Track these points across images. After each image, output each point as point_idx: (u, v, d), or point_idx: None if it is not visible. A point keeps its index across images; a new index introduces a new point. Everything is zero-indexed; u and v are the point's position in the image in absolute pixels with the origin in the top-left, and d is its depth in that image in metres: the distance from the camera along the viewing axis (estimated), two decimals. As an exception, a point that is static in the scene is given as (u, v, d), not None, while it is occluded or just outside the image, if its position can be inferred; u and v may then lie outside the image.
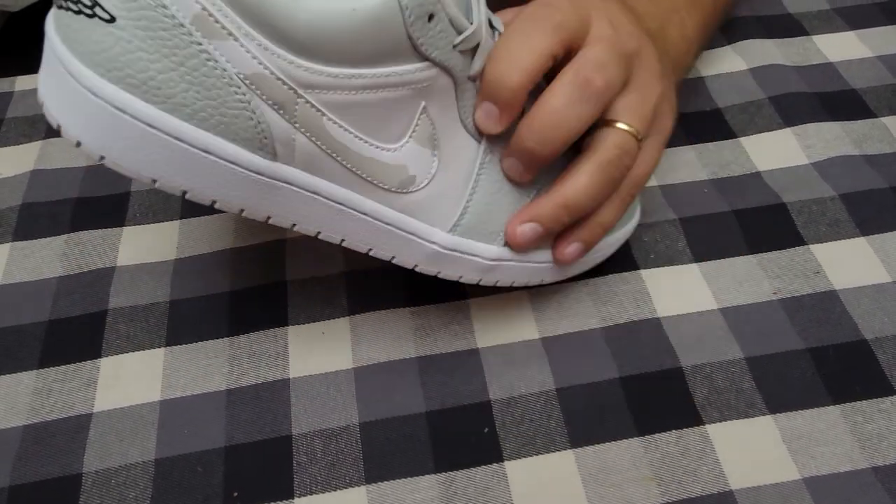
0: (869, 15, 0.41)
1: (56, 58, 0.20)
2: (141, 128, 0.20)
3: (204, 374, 0.28)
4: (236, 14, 0.20)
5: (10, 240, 0.33)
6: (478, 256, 0.26)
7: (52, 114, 0.21)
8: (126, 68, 0.20)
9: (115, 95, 0.20)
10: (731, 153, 0.34)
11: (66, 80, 0.20)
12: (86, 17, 0.19)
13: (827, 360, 0.27)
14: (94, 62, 0.20)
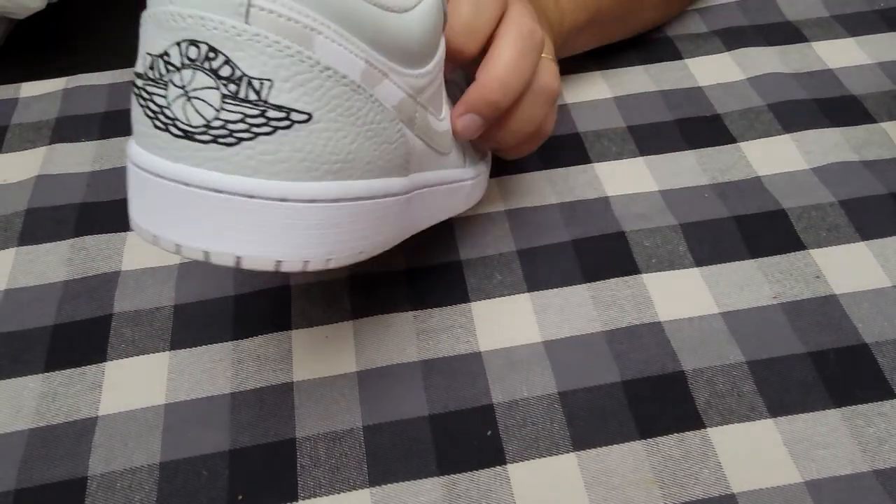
0: (868, 22, 0.41)
1: (221, 198, 0.19)
2: (348, 208, 0.20)
3: (208, 378, 0.28)
4: (380, 54, 0.20)
5: (15, 245, 0.33)
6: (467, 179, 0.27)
7: (229, 252, 0.19)
8: (328, 158, 0.19)
9: (324, 190, 0.20)
10: (731, 159, 0.35)
11: (250, 209, 0.19)
12: (281, 129, 0.19)
13: (828, 363, 0.27)
14: (290, 171, 0.19)
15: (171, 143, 0.19)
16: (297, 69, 0.18)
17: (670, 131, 0.36)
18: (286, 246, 0.20)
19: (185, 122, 0.18)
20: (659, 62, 0.40)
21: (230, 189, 0.19)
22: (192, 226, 0.19)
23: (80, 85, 0.41)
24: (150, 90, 0.19)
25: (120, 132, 0.38)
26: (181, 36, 0.18)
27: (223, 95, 0.18)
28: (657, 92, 0.38)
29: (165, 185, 0.19)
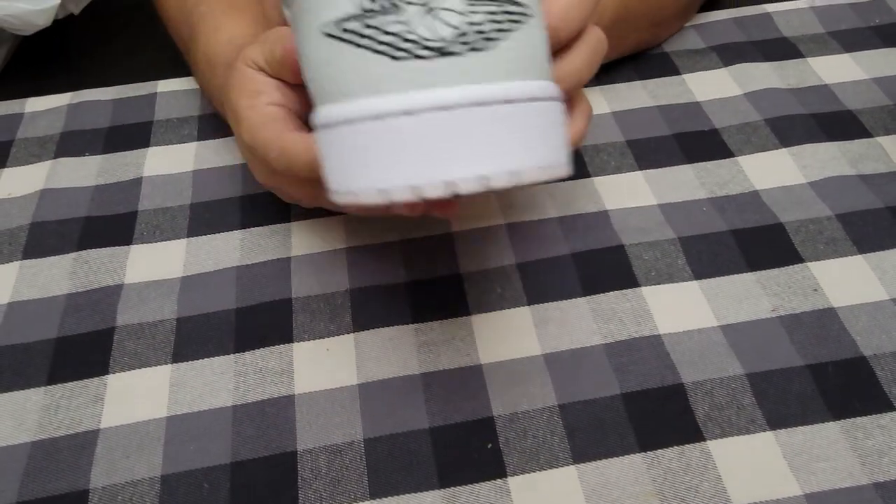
0: (863, 38, 0.42)
1: (490, 111, 0.17)
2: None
3: (210, 391, 0.28)
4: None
5: (19, 258, 0.33)
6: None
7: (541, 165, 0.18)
8: (546, 52, 0.19)
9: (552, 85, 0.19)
10: (729, 173, 0.35)
11: (520, 114, 0.18)
12: (521, 24, 0.18)
13: (826, 376, 0.27)
14: (535, 67, 0.18)
15: (421, 69, 0.17)
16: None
17: (668, 145, 0.36)
18: (553, 150, 0.18)
19: (436, 39, 0.17)
20: (657, 77, 0.40)
21: (496, 97, 0.17)
22: (470, 151, 0.17)
23: (85, 100, 0.42)
24: (375, 23, 0.17)
25: (123, 146, 0.39)
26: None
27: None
28: (655, 107, 0.39)
29: (427, 118, 0.17)
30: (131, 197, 0.36)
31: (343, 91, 0.18)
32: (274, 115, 0.26)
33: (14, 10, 0.40)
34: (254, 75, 0.27)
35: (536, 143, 0.18)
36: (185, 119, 0.40)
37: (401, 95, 0.17)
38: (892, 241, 0.31)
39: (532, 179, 0.18)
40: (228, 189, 0.36)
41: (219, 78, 0.32)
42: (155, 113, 0.41)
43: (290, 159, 0.25)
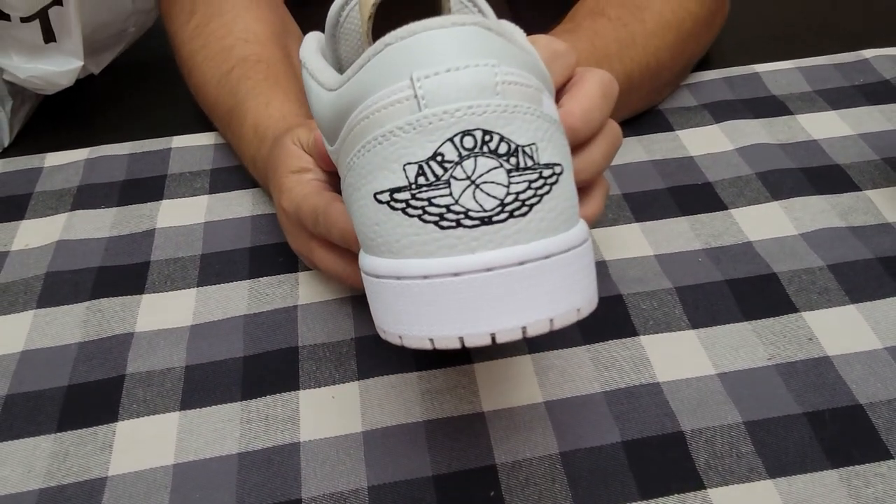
0: (848, 96, 0.44)
1: (528, 269, 0.19)
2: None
3: (217, 438, 0.29)
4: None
5: (33, 307, 0.34)
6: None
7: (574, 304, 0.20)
8: (575, 198, 0.21)
9: (583, 229, 0.21)
10: (723, 224, 0.36)
11: (552, 269, 0.19)
12: (554, 185, 0.20)
13: (824, 424, 0.28)
14: (567, 219, 0.20)
15: (465, 235, 0.19)
16: (544, 127, 0.20)
17: (664, 198, 0.38)
18: (584, 291, 0.20)
19: (480, 210, 0.19)
20: (651, 133, 0.42)
21: (535, 255, 0.19)
22: (512, 305, 0.19)
23: (102, 155, 0.43)
24: (424, 195, 0.19)
25: (138, 199, 0.40)
26: (454, 131, 0.18)
27: (507, 171, 0.19)
28: (650, 161, 0.40)
29: (472, 279, 0.19)
30: (144, 247, 0.37)
31: (391, 249, 0.20)
32: (318, 188, 0.29)
33: (39, 71, 0.42)
34: (300, 153, 0.31)
35: (571, 288, 0.20)
36: (197, 173, 0.42)
37: (446, 259, 0.19)
38: (883, 291, 0.32)
39: (566, 323, 0.20)
40: (238, 240, 0.37)
41: (266, 149, 0.34)
42: (169, 167, 0.42)
43: (332, 226, 0.27)
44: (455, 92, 0.18)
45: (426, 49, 0.19)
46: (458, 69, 0.18)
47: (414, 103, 0.19)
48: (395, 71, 0.19)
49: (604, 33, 0.38)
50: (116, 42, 0.48)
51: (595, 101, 0.26)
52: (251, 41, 0.39)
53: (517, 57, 0.20)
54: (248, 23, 0.40)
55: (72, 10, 0.41)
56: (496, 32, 0.20)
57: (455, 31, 0.19)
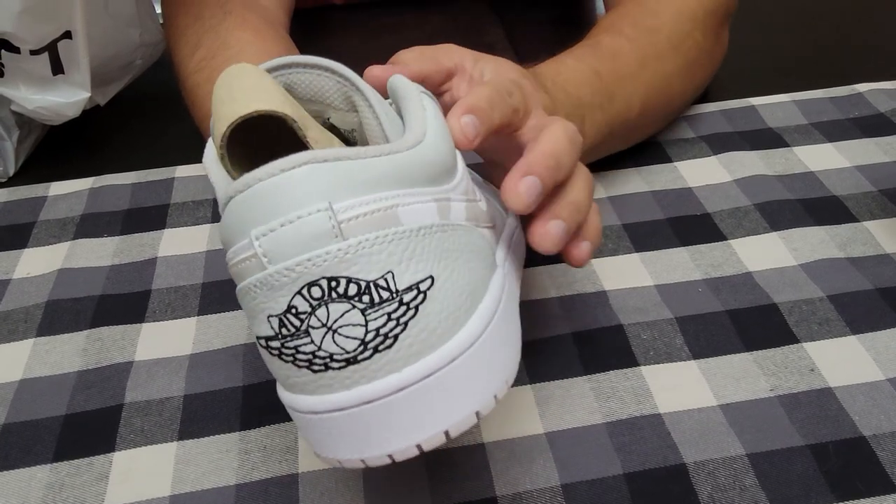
0: (843, 129, 0.44)
1: (407, 393, 0.20)
2: (495, 326, 0.22)
3: (214, 469, 0.28)
4: (434, 186, 0.22)
5: (33, 335, 0.34)
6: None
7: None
8: (461, 301, 0.21)
9: (475, 327, 0.21)
10: (723, 255, 0.36)
11: (434, 386, 0.20)
12: (420, 305, 0.20)
13: (827, 457, 0.27)
14: (446, 332, 0.21)
15: (337, 376, 0.19)
16: (402, 246, 0.19)
17: (663, 229, 0.38)
18: (482, 392, 0.21)
19: (343, 352, 0.19)
20: (650, 165, 0.42)
21: (411, 380, 0.19)
22: (395, 430, 0.20)
23: (106, 184, 0.44)
24: (291, 345, 0.19)
25: (140, 228, 0.41)
26: (299, 285, 0.19)
27: (362, 311, 0.19)
28: (649, 192, 0.40)
29: (355, 412, 0.19)
30: (145, 276, 0.37)
31: (285, 384, 0.21)
32: None
33: (47, 102, 0.42)
34: None
35: (463, 395, 0.20)
36: (200, 202, 0.42)
37: (327, 397, 0.20)
38: (884, 322, 0.32)
39: (464, 429, 0.21)
40: (239, 269, 0.37)
41: None
42: (172, 196, 0.43)
43: None
44: (292, 247, 0.18)
45: (260, 203, 0.19)
46: (291, 222, 0.18)
47: (258, 262, 0.19)
48: (238, 227, 0.19)
49: (624, 52, 0.39)
50: (123, 74, 0.49)
51: (563, 145, 0.25)
52: None
53: (365, 179, 0.19)
54: (252, 57, 0.41)
55: (80, 43, 0.42)
56: (334, 160, 0.19)
57: (285, 178, 0.18)
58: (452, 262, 0.21)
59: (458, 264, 0.21)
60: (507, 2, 0.60)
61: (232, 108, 0.19)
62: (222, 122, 0.19)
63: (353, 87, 0.22)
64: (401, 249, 0.19)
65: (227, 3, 0.44)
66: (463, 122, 0.24)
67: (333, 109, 0.23)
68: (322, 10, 0.61)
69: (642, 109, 0.39)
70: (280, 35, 0.44)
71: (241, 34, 0.42)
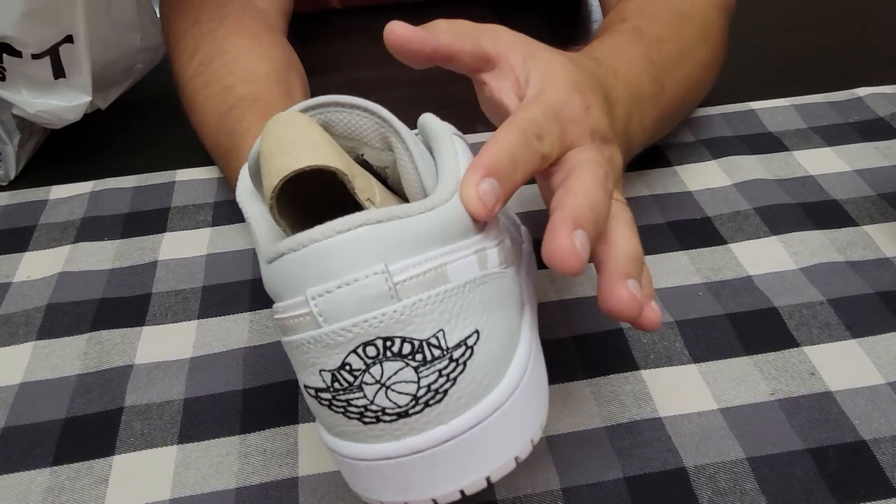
0: (843, 133, 0.44)
1: (452, 445, 0.20)
2: (531, 367, 0.23)
3: (214, 472, 0.28)
4: (471, 237, 0.22)
5: (34, 339, 0.34)
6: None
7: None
8: (505, 349, 0.22)
9: (515, 374, 0.22)
10: (723, 259, 0.36)
11: (480, 437, 0.21)
12: (468, 360, 0.20)
13: (828, 460, 0.27)
14: (490, 382, 0.21)
15: (387, 427, 0.20)
16: (451, 304, 0.20)
17: (663, 233, 0.38)
18: (521, 437, 0.21)
19: (395, 406, 0.20)
20: (651, 169, 0.42)
21: (458, 431, 0.20)
22: (440, 477, 0.20)
23: (107, 188, 0.44)
24: (342, 398, 0.20)
25: (141, 231, 0.41)
26: (354, 344, 0.19)
27: (415, 368, 0.19)
28: (650, 196, 0.40)
29: (403, 461, 0.20)
30: (146, 279, 0.37)
31: (332, 431, 0.21)
32: None
33: (48, 106, 0.43)
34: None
35: (503, 442, 0.21)
36: (200, 206, 0.42)
37: (376, 446, 0.20)
38: (884, 325, 0.32)
39: (504, 474, 0.21)
40: (239, 272, 0.37)
41: None
42: (172, 200, 0.43)
43: None
44: (349, 308, 0.19)
45: (316, 262, 0.19)
46: (348, 284, 0.19)
47: (313, 320, 0.19)
48: (292, 284, 0.20)
49: (666, 39, 0.37)
50: (124, 78, 0.49)
51: (598, 195, 0.23)
52: (251, 80, 0.40)
53: (416, 237, 0.20)
54: (249, 62, 0.41)
55: (82, 47, 0.42)
56: (387, 220, 0.19)
57: (342, 240, 0.19)
58: (493, 312, 0.21)
59: (498, 314, 0.21)
60: (508, 6, 0.60)
61: (284, 162, 0.19)
62: (274, 176, 0.19)
63: (390, 129, 0.22)
64: (451, 307, 0.20)
65: (224, 7, 0.44)
66: (482, 191, 0.21)
67: (368, 147, 0.23)
68: (321, 15, 0.61)
69: (684, 98, 0.38)
70: (278, 39, 0.44)
71: (237, 39, 0.42)
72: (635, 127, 0.33)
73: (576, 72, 0.27)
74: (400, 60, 0.27)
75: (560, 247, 0.21)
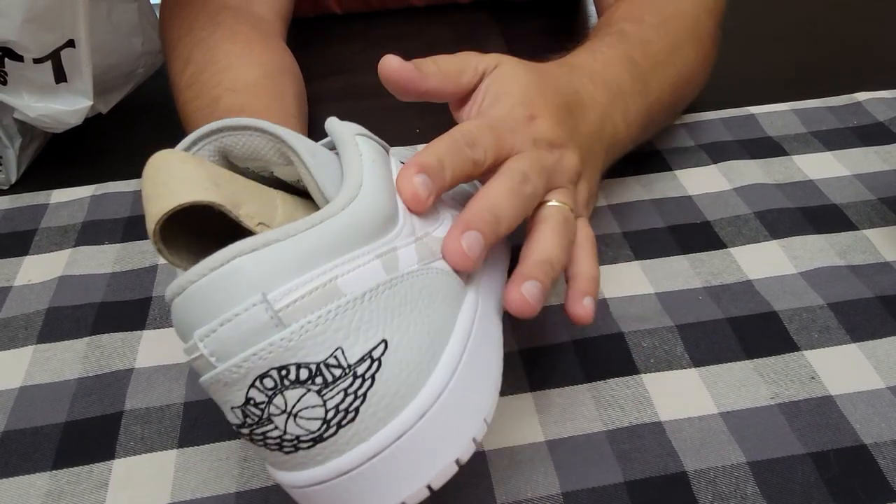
0: (843, 137, 0.44)
1: (379, 460, 0.20)
2: (466, 364, 0.23)
3: (214, 477, 0.28)
4: (377, 240, 0.22)
5: (34, 342, 0.34)
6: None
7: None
8: (426, 351, 0.22)
9: (444, 372, 0.22)
10: (723, 263, 0.36)
11: (408, 447, 0.21)
12: (377, 373, 0.20)
13: (828, 465, 0.27)
14: (410, 389, 0.21)
15: (308, 454, 0.20)
16: (348, 319, 0.19)
17: (663, 237, 0.38)
18: (460, 437, 0.21)
19: (308, 433, 0.19)
20: (650, 173, 0.42)
21: (382, 446, 0.20)
22: (378, 493, 0.20)
23: (108, 192, 0.44)
24: (259, 431, 0.20)
25: (141, 236, 0.41)
26: (250, 379, 0.19)
27: (318, 392, 0.19)
28: (649, 200, 0.40)
29: (334, 484, 0.20)
30: (146, 283, 0.37)
31: (265, 461, 0.21)
32: None
33: (49, 110, 0.43)
34: None
35: (438, 447, 0.21)
36: (201, 210, 0.42)
37: (304, 473, 0.20)
38: (884, 330, 0.32)
39: (447, 478, 0.21)
40: (240, 276, 0.37)
41: None
42: (173, 204, 0.43)
43: None
44: (235, 344, 0.19)
45: (198, 303, 0.19)
46: (229, 321, 0.19)
47: (207, 361, 0.19)
48: (183, 328, 0.19)
49: (652, 39, 0.38)
50: (125, 82, 0.49)
51: (503, 197, 0.25)
52: (238, 90, 0.39)
53: (298, 258, 0.19)
54: (239, 70, 0.40)
55: (84, 52, 0.42)
56: (263, 246, 0.19)
57: (216, 277, 0.19)
58: (406, 316, 0.21)
59: (413, 317, 0.21)
60: (507, 11, 0.60)
61: (158, 205, 0.19)
62: (150, 220, 0.20)
63: (283, 144, 0.22)
64: (346, 323, 0.19)
65: (218, 14, 0.44)
66: (416, 183, 0.23)
67: (274, 165, 0.23)
68: (321, 20, 0.61)
69: (674, 95, 0.39)
70: (272, 45, 0.44)
71: (229, 47, 0.42)
72: (617, 124, 0.34)
73: (528, 85, 0.30)
74: (389, 92, 0.29)
75: (448, 246, 0.23)
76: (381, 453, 0.20)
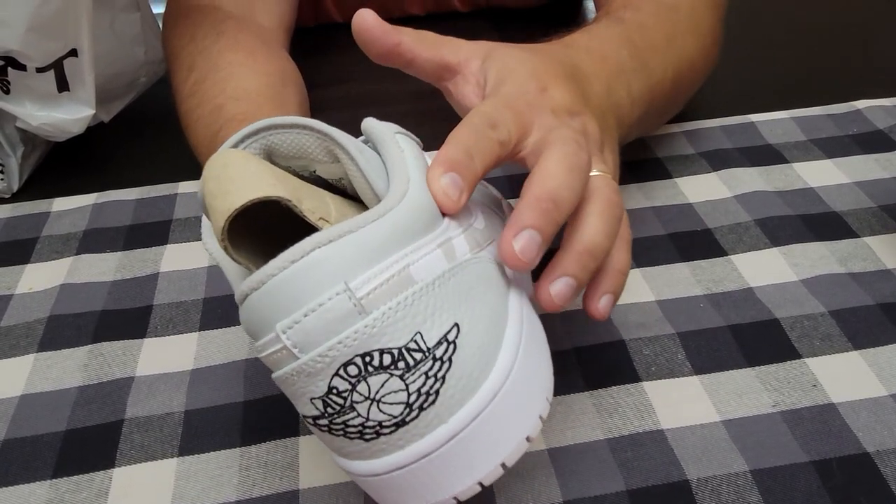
0: (842, 145, 0.44)
1: (453, 444, 0.21)
2: (526, 343, 0.23)
3: (215, 485, 0.28)
4: (434, 231, 0.22)
5: (34, 351, 0.34)
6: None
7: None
8: (493, 334, 0.22)
9: (508, 356, 0.22)
10: (724, 270, 0.36)
11: (480, 432, 0.21)
12: (453, 355, 0.20)
13: (831, 473, 0.27)
14: (483, 372, 0.21)
15: (389, 440, 0.20)
16: (423, 304, 0.20)
17: (664, 244, 0.38)
18: (529, 417, 0.22)
19: (391, 418, 0.20)
20: (651, 181, 0.42)
21: (460, 427, 0.20)
22: (456, 474, 0.21)
23: (109, 200, 0.44)
24: (339, 421, 0.20)
25: (143, 244, 0.41)
26: (334, 367, 0.19)
27: (400, 376, 0.20)
28: (650, 208, 0.41)
29: (414, 468, 0.20)
30: (147, 291, 0.37)
31: (341, 454, 0.22)
32: None
33: (52, 119, 0.43)
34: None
35: (513, 426, 0.21)
36: (202, 218, 0.42)
37: (384, 460, 0.21)
38: (886, 337, 0.32)
39: (519, 455, 0.21)
40: (241, 284, 0.37)
41: None
42: (174, 212, 0.43)
43: None
44: (320, 334, 0.19)
45: (279, 296, 0.19)
46: (313, 311, 0.19)
47: (290, 353, 0.19)
48: (262, 322, 0.20)
49: (649, 26, 0.37)
50: (127, 91, 0.49)
51: (561, 178, 0.23)
52: (241, 99, 0.39)
53: (371, 247, 0.20)
54: (242, 79, 0.40)
55: (86, 61, 0.42)
56: (339, 237, 0.19)
57: (297, 269, 0.19)
58: (472, 301, 0.21)
59: (476, 301, 0.21)
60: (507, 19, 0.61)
61: (226, 202, 0.19)
62: (219, 218, 0.20)
63: (332, 142, 0.22)
64: (423, 308, 0.20)
65: (221, 23, 0.44)
66: (444, 185, 0.22)
67: (318, 163, 0.23)
68: (323, 28, 0.61)
69: (674, 82, 0.38)
70: (275, 54, 0.44)
71: (232, 56, 0.42)
72: (622, 97, 0.33)
73: (531, 59, 0.29)
74: (360, 47, 0.28)
75: (502, 248, 0.22)
76: (460, 434, 0.20)
